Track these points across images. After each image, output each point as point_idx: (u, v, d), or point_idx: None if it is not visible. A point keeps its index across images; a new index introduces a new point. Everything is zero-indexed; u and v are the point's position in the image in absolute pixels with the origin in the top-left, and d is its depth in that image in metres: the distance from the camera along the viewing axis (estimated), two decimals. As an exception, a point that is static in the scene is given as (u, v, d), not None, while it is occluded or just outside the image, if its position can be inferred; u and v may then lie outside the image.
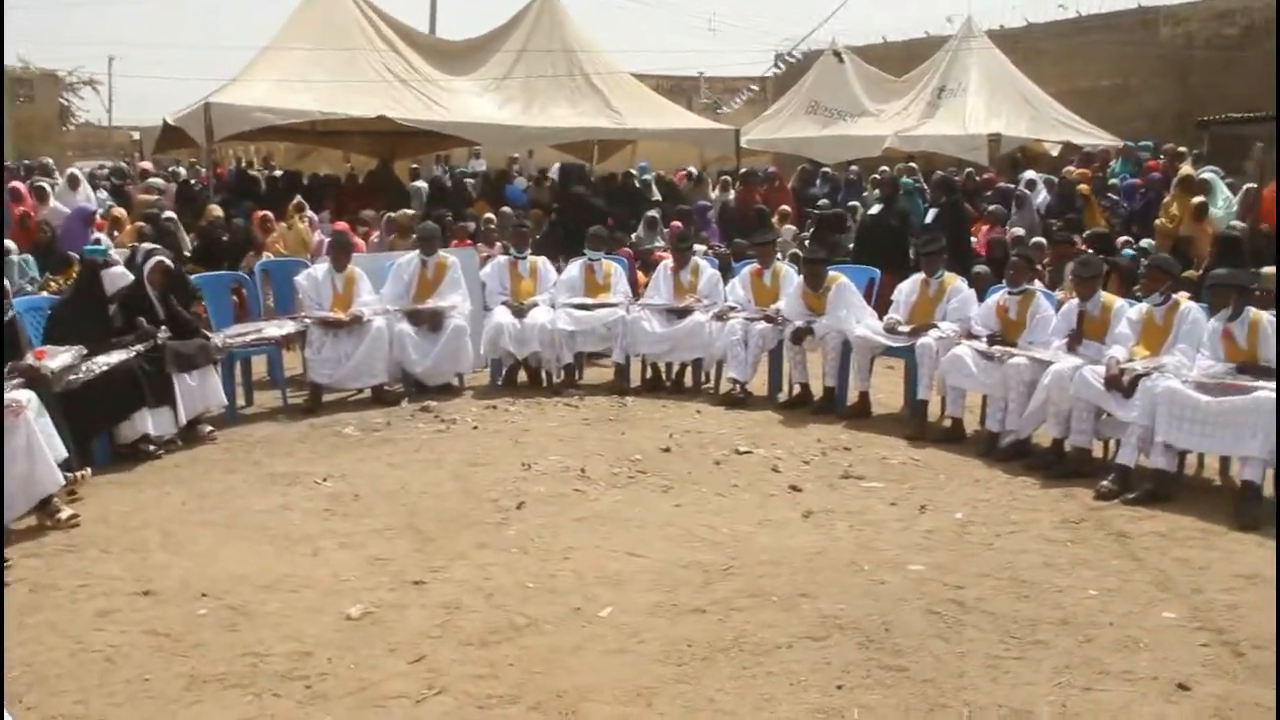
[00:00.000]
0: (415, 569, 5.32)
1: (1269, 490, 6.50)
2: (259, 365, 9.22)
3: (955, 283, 8.40)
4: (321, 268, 9.13)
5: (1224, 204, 12.69)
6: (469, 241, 12.05)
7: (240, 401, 8.63)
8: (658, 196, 16.76)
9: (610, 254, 10.51)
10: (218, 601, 4.91)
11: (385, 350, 8.83)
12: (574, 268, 9.88)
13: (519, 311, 9.33)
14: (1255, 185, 12.46)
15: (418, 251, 9.52)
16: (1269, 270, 10.06)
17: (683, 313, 9.20)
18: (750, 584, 5.15)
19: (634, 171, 17.94)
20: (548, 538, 5.76)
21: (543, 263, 9.98)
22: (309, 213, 13.32)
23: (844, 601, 4.94)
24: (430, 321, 9.10)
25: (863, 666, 4.31)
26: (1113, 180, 15.37)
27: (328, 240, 10.43)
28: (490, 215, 13.76)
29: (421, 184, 17.14)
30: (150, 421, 7.23)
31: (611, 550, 5.59)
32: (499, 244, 11.83)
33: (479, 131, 16.50)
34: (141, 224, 12.15)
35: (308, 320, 8.73)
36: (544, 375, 9.48)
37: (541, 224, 13.82)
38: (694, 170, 18.57)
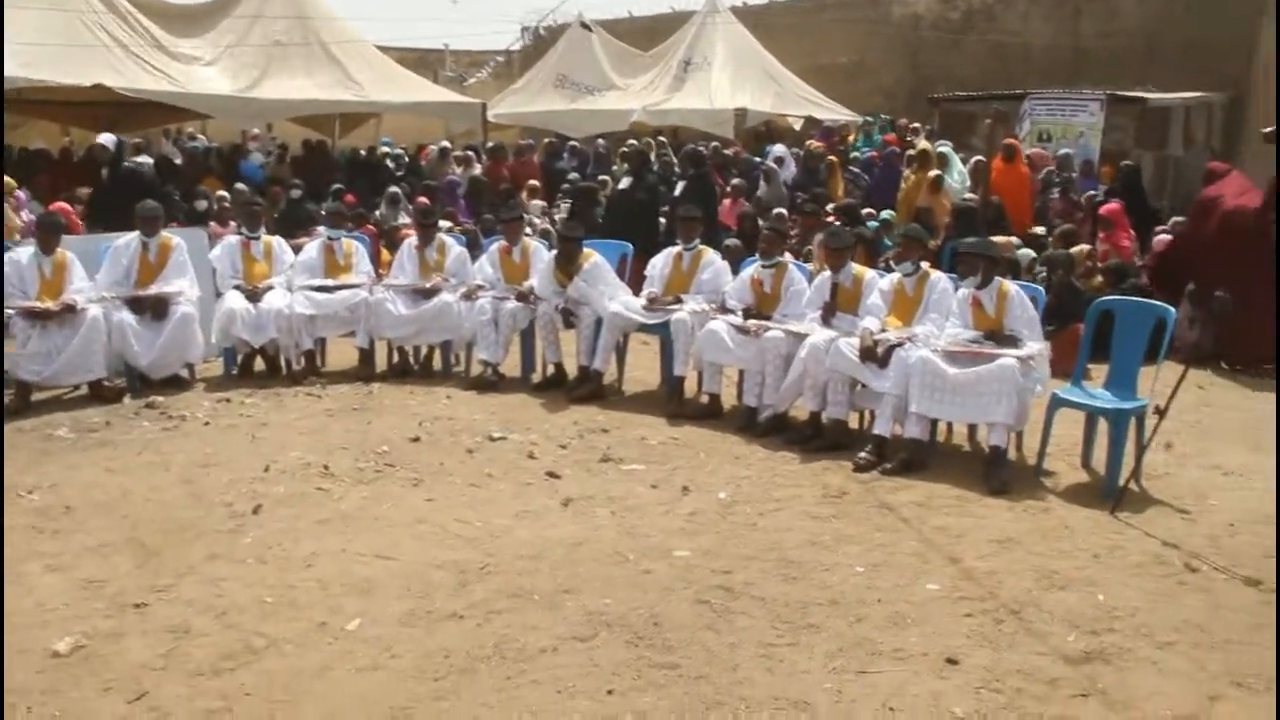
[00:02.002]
0: (136, 590, 4.75)
1: (1014, 453, 6.73)
2: (-46, 364, 8.26)
3: (708, 254, 8.31)
4: (26, 251, 8.21)
5: (958, 177, 13.21)
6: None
7: (-68, 405, 7.70)
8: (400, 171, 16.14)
9: (351, 232, 9.95)
10: (-109, 649, 4.22)
11: (103, 342, 8.01)
12: (312, 248, 9.24)
13: (253, 295, 8.67)
14: (984, 158, 13.01)
15: (138, 232, 8.69)
16: (1003, 240, 10.52)
17: (429, 293, 8.75)
18: (509, 582, 4.84)
19: (386, 148, 17.26)
20: (288, 544, 5.28)
21: (278, 243, 9.28)
22: (19, 192, 12.06)
23: (609, 595, 4.71)
24: (154, 309, 8.31)
25: (633, 667, 4.08)
26: (854, 154, 15.81)
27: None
28: (223, 193, 12.87)
29: (146, 159, 15.85)
30: None
31: (358, 554, 5.16)
32: (231, 223, 11.06)
33: (210, 103, 15.33)
34: None
35: (10, 311, 7.84)
36: (283, 363, 8.85)
37: (279, 201, 13.02)
38: (446, 144, 18.02)
